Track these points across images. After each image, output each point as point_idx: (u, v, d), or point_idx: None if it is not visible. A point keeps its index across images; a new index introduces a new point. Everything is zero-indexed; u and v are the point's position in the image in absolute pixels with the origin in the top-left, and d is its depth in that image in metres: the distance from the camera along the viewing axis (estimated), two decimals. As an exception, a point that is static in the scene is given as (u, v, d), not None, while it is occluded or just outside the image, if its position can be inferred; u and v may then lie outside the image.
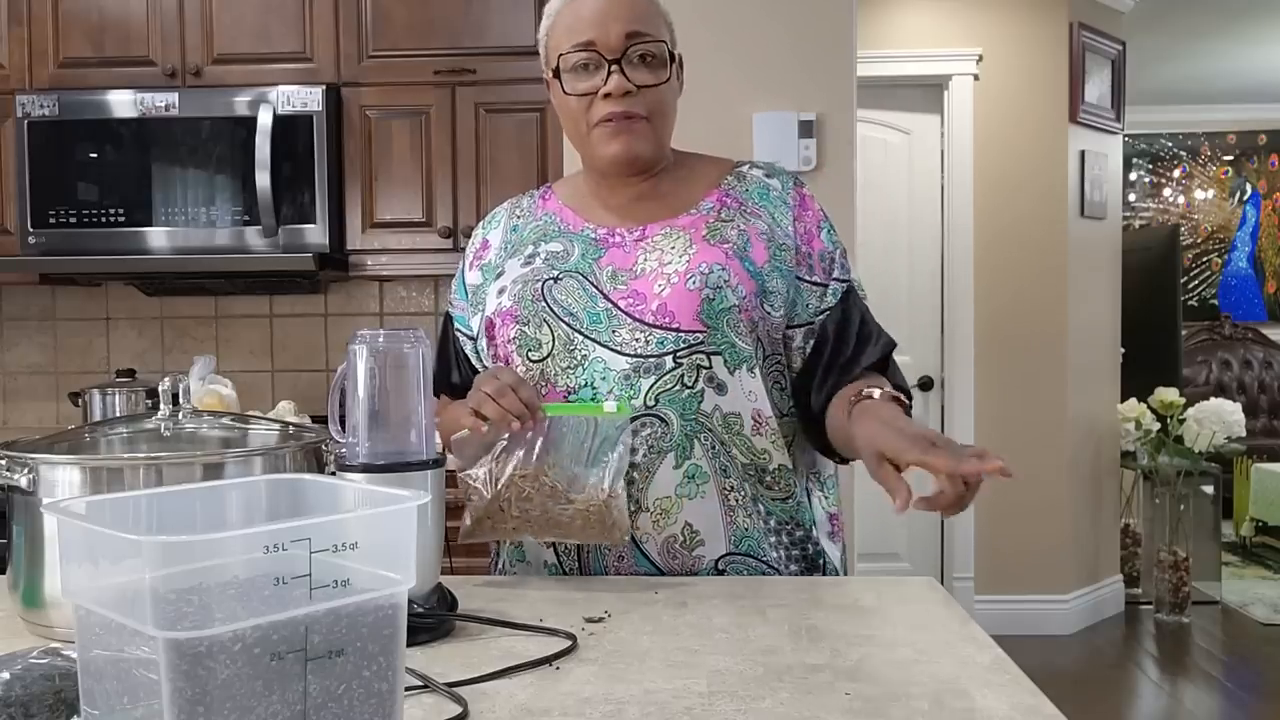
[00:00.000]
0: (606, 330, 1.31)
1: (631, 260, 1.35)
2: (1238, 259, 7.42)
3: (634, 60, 1.32)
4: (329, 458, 1.18)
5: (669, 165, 1.43)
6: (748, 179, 1.43)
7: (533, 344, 1.33)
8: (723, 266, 1.32)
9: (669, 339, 1.30)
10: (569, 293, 1.34)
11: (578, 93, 1.34)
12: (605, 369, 1.30)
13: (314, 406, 3.05)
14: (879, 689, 0.91)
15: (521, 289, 1.36)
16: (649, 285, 1.32)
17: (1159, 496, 4.83)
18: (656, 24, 1.35)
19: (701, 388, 1.30)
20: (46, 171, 2.98)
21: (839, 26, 2.83)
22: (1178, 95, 6.97)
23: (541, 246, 1.40)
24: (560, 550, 1.34)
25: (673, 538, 1.30)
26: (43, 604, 1.08)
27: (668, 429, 1.29)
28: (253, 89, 2.96)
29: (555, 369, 1.32)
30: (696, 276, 1.31)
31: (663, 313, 1.30)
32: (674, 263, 1.33)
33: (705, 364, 1.30)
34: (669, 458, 1.29)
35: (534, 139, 3.01)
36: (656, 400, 1.29)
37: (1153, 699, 3.90)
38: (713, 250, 1.33)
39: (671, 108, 1.39)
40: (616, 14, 1.32)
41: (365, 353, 1.07)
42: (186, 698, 0.60)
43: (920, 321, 4.61)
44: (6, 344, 3.48)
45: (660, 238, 1.36)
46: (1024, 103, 4.47)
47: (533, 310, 1.34)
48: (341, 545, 0.66)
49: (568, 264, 1.36)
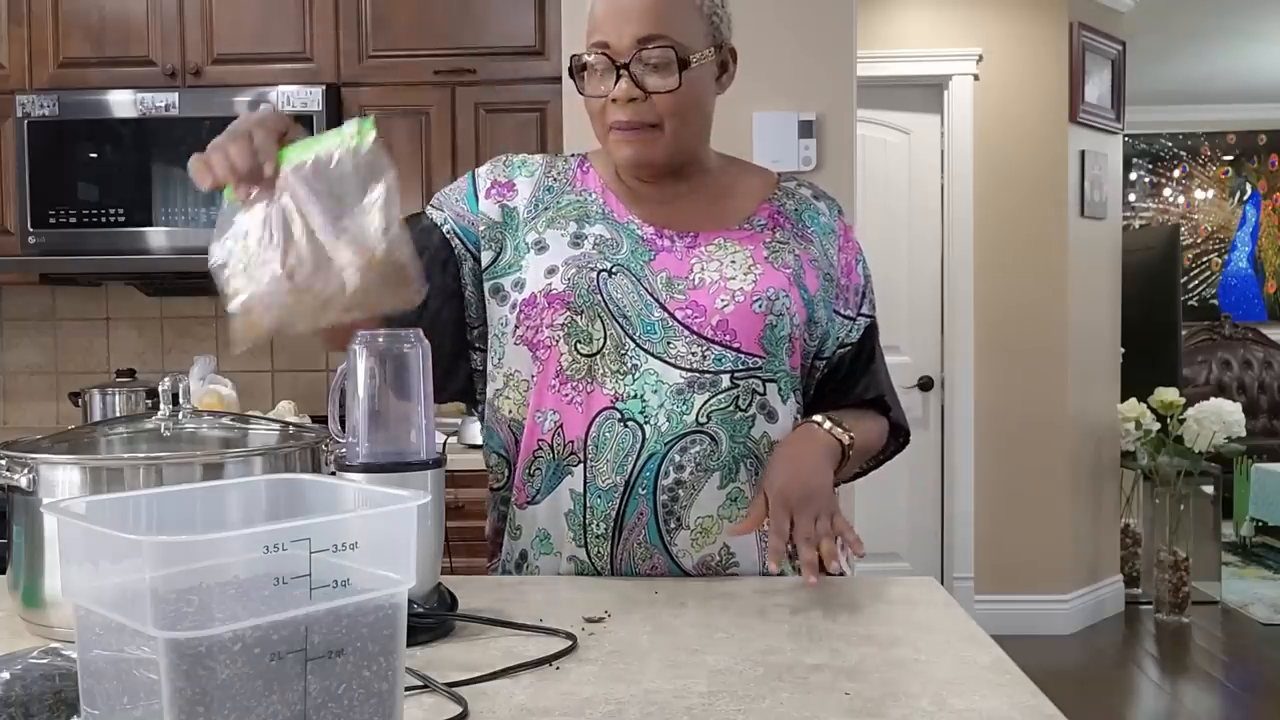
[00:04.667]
0: (661, 342, 1.28)
1: (686, 268, 1.31)
2: (1238, 259, 7.42)
3: (645, 64, 1.26)
4: (329, 458, 1.18)
5: (710, 168, 1.39)
6: (796, 197, 1.40)
7: (583, 336, 1.28)
8: (785, 293, 1.30)
9: (728, 357, 1.28)
10: (623, 291, 1.29)
11: (591, 95, 1.30)
12: (658, 381, 1.27)
13: (314, 406, 3.05)
14: (879, 689, 0.91)
15: (576, 275, 1.29)
16: (710, 298, 1.29)
17: (1159, 496, 4.83)
18: (680, 23, 1.27)
19: (754, 413, 1.29)
20: (46, 171, 2.98)
21: (839, 26, 2.83)
22: (1178, 95, 6.97)
23: (587, 228, 1.34)
24: (592, 552, 1.29)
25: (710, 557, 1.29)
26: (43, 604, 1.08)
27: (716, 448, 1.27)
28: (253, 89, 2.96)
29: (605, 369, 1.28)
30: (763, 300, 1.29)
31: (723, 329, 1.28)
32: (738, 279, 1.30)
33: (760, 390, 1.29)
34: (714, 477, 1.28)
35: (534, 139, 3.01)
36: (709, 418, 1.27)
37: (1153, 699, 3.90)
38: (777, 274, 1.31)
39: (693, 109, 1.30)
40: (630, 14, 1.25)
41: (365, 353, 1.07)
42: (186, 698, 0.60)
43: (920, 321, 4.61)
44: (6, 344, 3.48)
45: (715, 248, 1.33)
46: (1024, 103, 4.47)
47: (588, 301, 1.28)
48: (341, 545, 0.66)
49: (619, 256, 1.31)
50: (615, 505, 1.27)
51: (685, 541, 1.28)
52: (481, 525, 1.43)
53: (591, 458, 1.27)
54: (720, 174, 1.40)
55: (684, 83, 1.26)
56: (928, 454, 4.56)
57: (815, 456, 1.23)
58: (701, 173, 1.38)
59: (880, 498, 4.06)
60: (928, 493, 4.60)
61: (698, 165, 1.37)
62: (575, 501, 1.29)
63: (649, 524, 1.28)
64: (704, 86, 1.31)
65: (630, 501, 1.27)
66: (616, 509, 1.27)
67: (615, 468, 1.27)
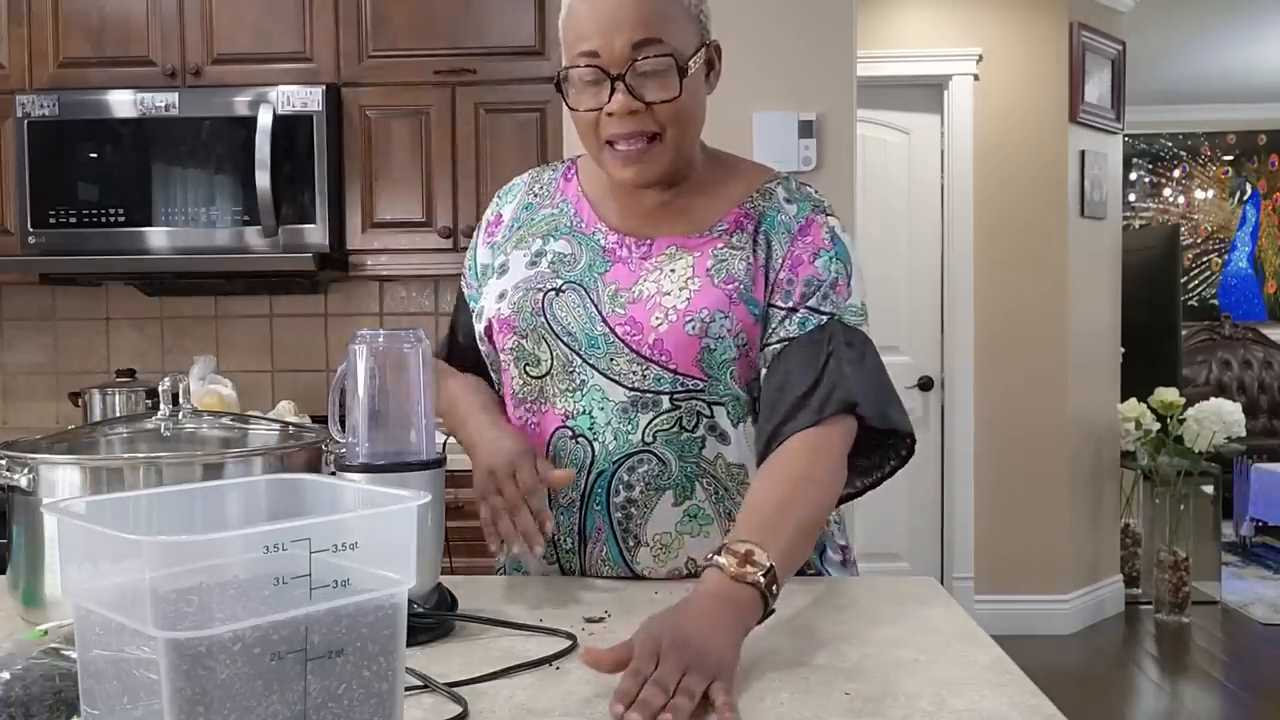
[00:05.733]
0: (605, 358, 1.24)
1: (633, 279, 1.26)
2: (1238, 259, 7.41)
3: (642, 73, 1.18)
4: (329, 458, 1.18)
5: (698, 170, 1.31)
6: (772, 198, 1.29)
7: (531, 359, 1.28)
8: (725, 313, 1.22)
9: (665, 378, 1.22)
10: (569, 309, 1.26)
11: (582, 108, 1.21)
12: (604, 398, 1.24)
13: (314, 406, 3.05)
14: (879, 689, 0.91)
15: (521, 298, 1.28)
16: (646, 314, 1.23)
17: (1159, 496, 4.83)
18: (672, 25, 1.19)
19: (702, 434, 1.24)
20: (46, 171, 2.98)
21: (839, 26, 2.83)
22: (1178, 95, 6.97)
23: (550, 244, 1.31)
24: (564, 565, 1.31)
25: (677, 570, 1.28)
26: (43, 604, 1.08)
27: (665, 468, 1.24)
28: (253, 89, 2.96)
29: (554, 388, 1.27)
30: (696, 322, 1.21)
31: (659, 348, 1.22)
32: (672, 295, 1.23)
33: (706, 412, 1.24)
34: (667, 495, 1.25)
35: (534, 139, 3.01)
36: (654, 438, 1.23)
37: (1153, 699, 3.90)
38: (714, 292, 1.22)
39: (692, 116, 1.24)
40: (622, 19, 1.16)
41: (365, 353, 1.07)
42: (186, 698, 0.60)
43: (920, 321, 4.61)
44: (6, 344, 3.47)
45: (664, 258, 1.26)
46: (1024, 103, 4.47)
47: (531, 324, 1.27)
48: (341, 545, 0.66)
49: (573, 273, 1.28)
50: (576, 520, 1.28)
51: (648, 558, 1.27)
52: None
53: None
54: (703, 174, 1.31)
55: (684, 90, 1.19)
56: (928, 454, 4.56)
57: (723, 620, 0.95)
58: (688, 177, 1.30)
59: (880, 497, 4.02)
60: (928, 493, 4.60)
61: (686, 170, 1.30)
62: None
63: (608, 540, 1.27)
64: (699, 89, 1.25)
65: (588, 516, 1.27)
66: (578, 523, 1.28)
67: (571, 483, 1.26)
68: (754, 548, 1.01)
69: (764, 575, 1.00)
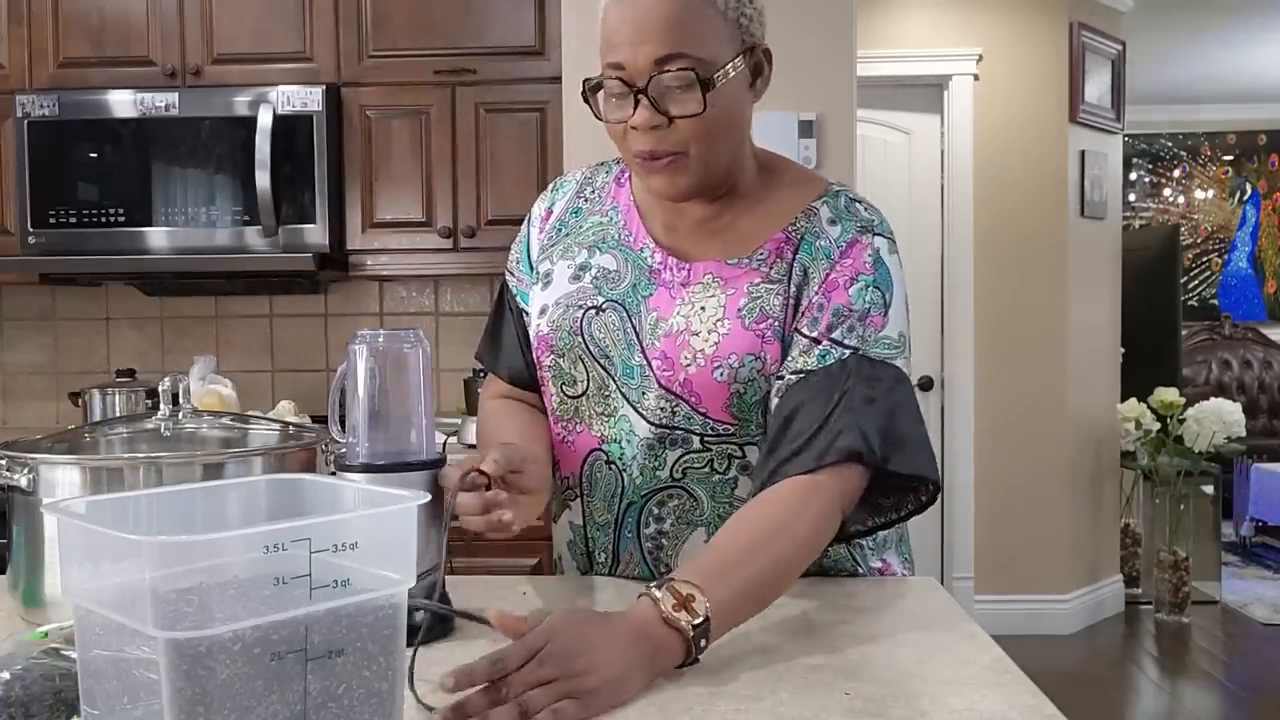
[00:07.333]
0: (637, 389, 1.22)
1: (671, 308, 1.21)
2: (1238, 259, 7.41)
3: (666, 86, 1.12)
4: (329, 458, 1.18)
5: (747, 181, 1.25)
6: (815, 219, 1.22)
7: (568, 379, 1.26)
8: (755, 355, 1.17)
9: (696, 420, 1.19)
10: (608, 330, 1.23)
11: (610, 120, 1.17)
12: (630, 432, 1.22)
13: (314, 406, 3.05)
14: (879, 689, 0.91)
15: (560, 316, 1.25)
16: (676, 350, 1.19)
17: (1159, 496, 4.83)
18: (701, 35, 1.12)
19: (734, 475, 1.21)
20: (46, 171, 2.98)
21: (839, 26, 2.83)
22: (1178, 95, 6.97)
23: (595, 258, 1.27)
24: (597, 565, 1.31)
25: None
26: (43, 604, 1.08)
27: (697, 504, 1.23)
28: (253, 89, 2.96)
29: (590, 410, 1.26)
30: (725, 368, 1.17)
31: (689, 389, 1.19)
32: (701, 336, 1.18)
33: (738, 454, 1.21)
34: (699, 531, 1.23)
35: (534, 139, 3.00)
36: (684, 474, 1.21)
37: (1153, 699, 3.90)
38: (745, 336, 1.17)
39: (723, 129, 1.16)
40: (648, 32, 1.11)
41: (365, 353, 1.07)
42: (186, 698, 0.60)
43: (920, 321, 4.61)
44: (6, 344, 3.47)
45: (700, 287, 1.21)
46: (1024, 103, 4.47)
47: (569, 344, 1.25)
48: (341, 545, 0.66)
49: (616, 291, 1.24)
50: (611, 539, 1.29)
51: None
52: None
53: (587, 494, 1.28)
54: (753, 186, 1.25)
55: (708, 104, 1.12)
56: (928, 454, 4.55)
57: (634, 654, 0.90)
58: (734, 189, 1.24)
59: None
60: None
61: (731, 181, 1.23)
62: (575, 533, 1.32)
63: (640, 564, 1.28)
64: (733, 101, 1.16)
65: (621, 541, 1.28)
66: (613, 543, 1.29)
67: (606, 506, 1.27)
68: (696, 593, 0.94)
69: (695, 626, 0.93)
